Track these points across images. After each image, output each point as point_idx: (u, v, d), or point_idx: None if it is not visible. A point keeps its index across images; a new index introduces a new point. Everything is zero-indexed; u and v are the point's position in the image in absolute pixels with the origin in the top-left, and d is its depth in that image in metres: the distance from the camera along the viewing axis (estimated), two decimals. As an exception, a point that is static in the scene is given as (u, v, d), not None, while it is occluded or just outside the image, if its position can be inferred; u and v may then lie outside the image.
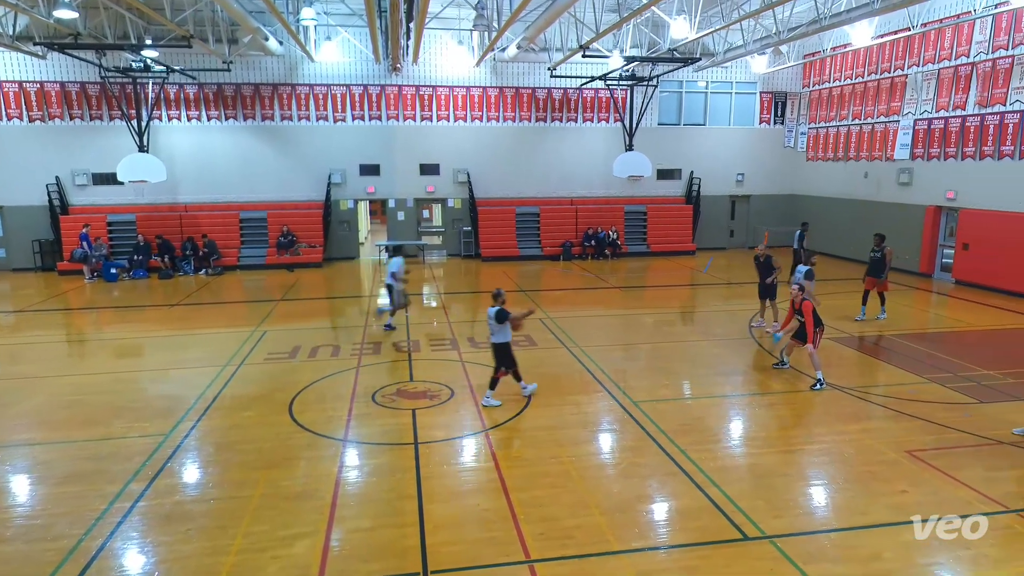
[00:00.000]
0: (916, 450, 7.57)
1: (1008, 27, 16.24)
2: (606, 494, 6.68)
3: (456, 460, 7.53)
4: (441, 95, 22.57)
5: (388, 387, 9.82)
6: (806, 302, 9.93)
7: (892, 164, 20.09)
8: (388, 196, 23.15)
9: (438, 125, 22.73)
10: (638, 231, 24.08)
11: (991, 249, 16.54)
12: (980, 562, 5.50)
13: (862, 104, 21.35)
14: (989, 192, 16.84)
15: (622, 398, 9.36)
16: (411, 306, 14.17)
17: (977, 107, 17.17)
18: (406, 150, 22.70)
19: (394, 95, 22.30)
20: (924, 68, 18.81)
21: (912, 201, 19.31)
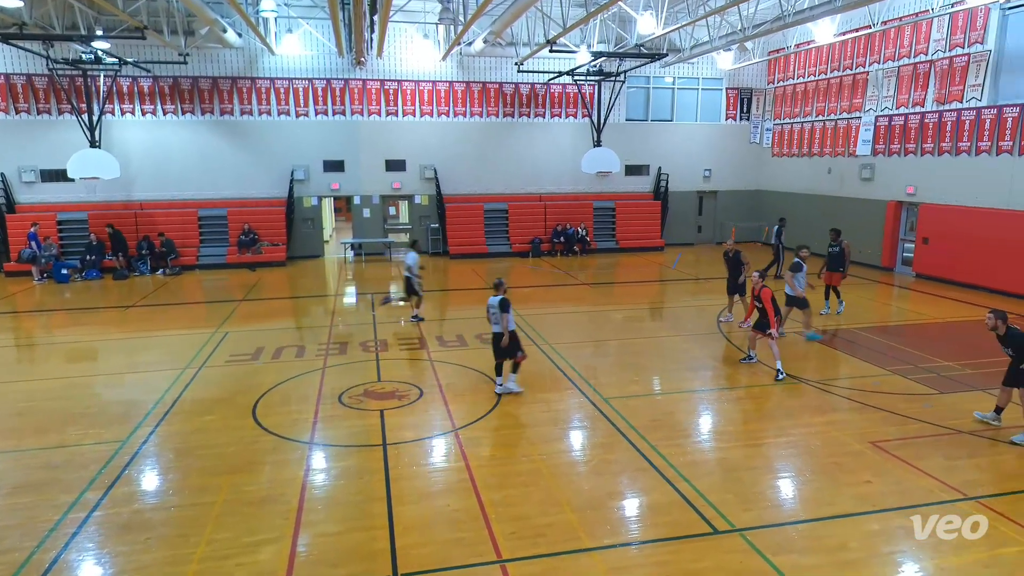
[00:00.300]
0: (880, 441, 7.80)
1: (964, 26, 16.79)
2: (577, 491, 6.73)
3: (426, 461, 7.50)
4: (407, 89, 22.41)
5: (355, 388, 9.73)
6: (764, 290, 10.22)
7: (855, 160, 20.62)
8: (353, 193, 22.90)
9: (404, 120, 22.57)
10: (607, 227, 24.27)
11: (950, 243, 17.10)
12: (941, 549, 5.69)
13: (825, 101, 21.86)
14: (947, 187, 17.40)
15: (592, 395, 9.43)
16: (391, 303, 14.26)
17: (935, 104, 17.72)
18: (371, 145, 22.49)
19: (358, 89, 22.06)
20: (885, 65, 19.34)
21: (874, 196, 19.86)
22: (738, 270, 13.13)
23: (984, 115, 16.36)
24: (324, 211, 24.59)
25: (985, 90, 16.37)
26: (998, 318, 7.88)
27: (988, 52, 16.23)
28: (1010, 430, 8.01)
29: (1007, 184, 15.71)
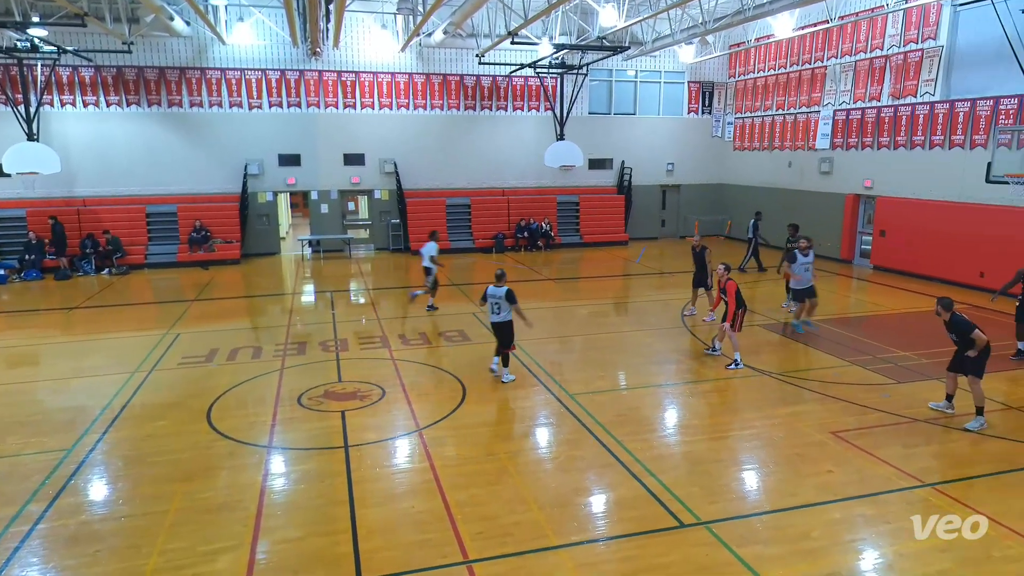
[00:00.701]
0: (840, 431, 8.04)
1: (917, 22, 17.37)
2: (544, 489, 6.77)
3: (389, 462, 7.45)
4: (365, 81, 22.13)
5: (315, 389, 9.60)
6: (729, 282, 10.51)
7: (814, 153, 21.16)
8: (310, 188, 22.54)
9: (362, 113, 22.29)
10: (571, 222, 24.42)
11: (906, 235, 17.70)
12: (900, 535, 5.90)
13: (785, 95, 22.37)
14: (903, 181, 18.00)
15: (558, 391, 9.49)
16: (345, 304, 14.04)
17: (891, 98, 18.30)
18: (328, 139, 22.15)
19: (314, 81, 21.70)
20: (842, 60, 19.88)
21: (833, 190, 20.41)
22: (703, 265, 13.35)
23: (937, 110, 16.95)
24: (280, 207, 24.16)
25: (938, 85, 16.96)
26: (942, 305, 8.21)
27: (940, 48, 16.82)
28: (963, 417, 8.34)
29: (959, 177, 16.32)
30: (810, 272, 12.32)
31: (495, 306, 9.78)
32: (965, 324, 8.05)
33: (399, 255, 22.59)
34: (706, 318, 13.16)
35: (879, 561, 5.61)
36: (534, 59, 21.06)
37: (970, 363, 8.12)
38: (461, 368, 10.48)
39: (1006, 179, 12.56)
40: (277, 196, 22.65)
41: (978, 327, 8.04)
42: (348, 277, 19.15)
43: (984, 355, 8.06)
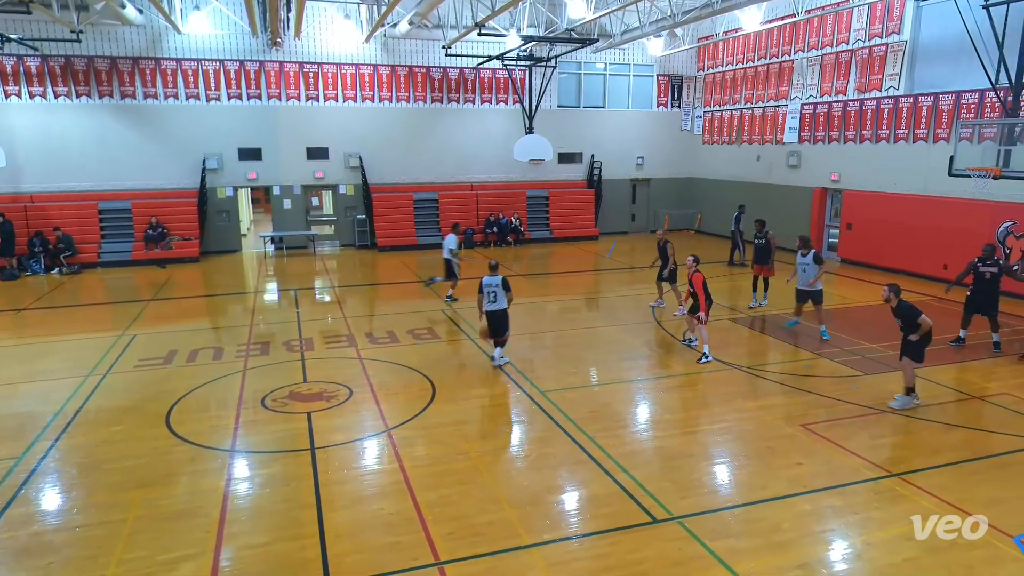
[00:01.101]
0: (810, 423, 8.22)
1: (882, 16, 17.79)
2: (516, 487, 6.79)
3: (357, 463, 7.40)
4: (328, 73, 21.85)
5: (279, 390, 9.47)
6: (696, 275, 10.70)
7: (782, 147, 21.55)
8: (272, 183, 22.20)
9: (325, 105, 22.01)
10: (541, 216, 24.48)
11: (872, 229, 18.15)
12: (868, 525, 6.07)
13: (753, 88, 22.72)
14: (869, 174, 18.44)
15: (529, 388, 9.53)
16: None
17: (857, 92, 18.73)
18: (291, 132, 21.83)
19: (275, 72, 21.35)
20: (809, 54, 20.27)
21: (801, 183, 20.82)
22: (666, 259, 13.52)
23: (901, 104, 17.40)
24: (240, 202, 23.74)
25: (902, 79, 17.41)
26: (892, 291, 8.56)
27: (904, 42, 17.26)
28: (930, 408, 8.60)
29: (923, 171, 16.79)
30: (809, 273, 11.82)
31: (492, 295, 10.16)
32: (911, 310, 8.43)
33: (365, 251, 22.38)
34: (676, 313, 13.31)
35: (848, 551, 5.75)
36: (502, 51, 21.03)
37: (911, 347, 8.49)
38: (430, 366, 10.45)
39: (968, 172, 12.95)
40: (237, 191, 22.25)
41: (924, 313, 8.39)
42: (312, 274, 18.92)
43: (925, 341, 8.43)
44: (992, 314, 10.90)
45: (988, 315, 10.89)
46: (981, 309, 10.93)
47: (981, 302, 10.89)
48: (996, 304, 10.94)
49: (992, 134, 13.21)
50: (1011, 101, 12.49)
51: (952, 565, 5.47)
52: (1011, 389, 9.31)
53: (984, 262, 10.85)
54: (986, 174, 12.58)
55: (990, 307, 10.89)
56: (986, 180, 12.77)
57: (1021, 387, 9.42)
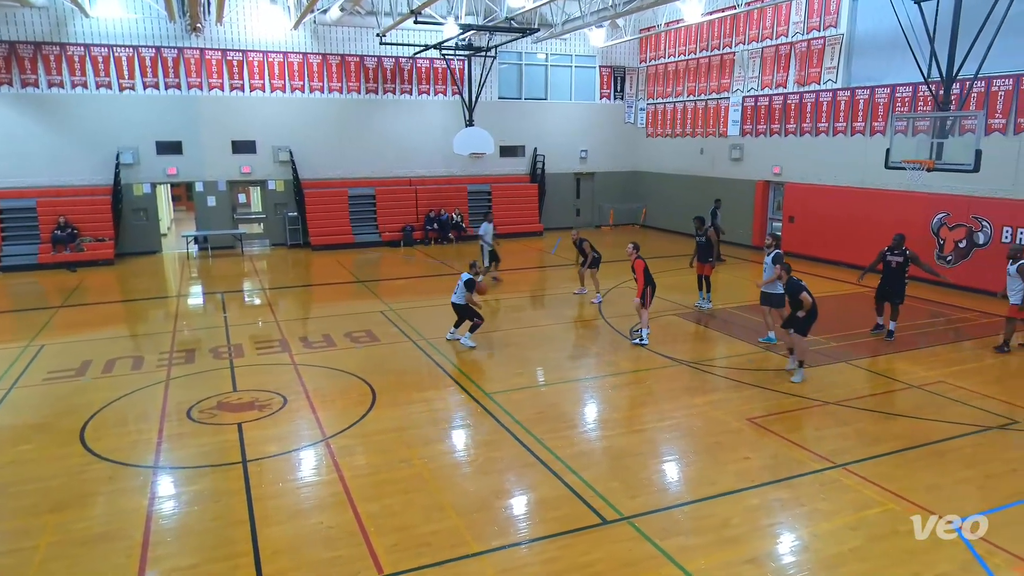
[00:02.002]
0: (756, 417, 8.51)
1: (819, 9, 18.53)
2: (462, 494, 6.78)
3: (293, 475, 7.24)
4: (254, 61, 21.27)
5: (207, 400, 9.19)
6: (637, 261, 11.40)
7: (725, 140, 22.18)
8: (194, 178, 21.47)
9: (252, 96, 21.43)
10: (483, 212, 24.38)
11: (813, 221, 18.89)
12: (814, 517, 6.32)
13: (696, 81, 23.30)
14: (810, 167, 19.19)
15: (474, 390, 9.52)
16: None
17: (796, 85, 19.44)
18: (214, 124, 21.16)
19: (195, 60, 20.65)
20: (749, 46, 20.92)
21: (744, 176, 21.48)
22: (586, 255, 14.60)
23: (839, 97, 18.17)
24: (160, 200, 22.87)
25: (840, 72, 18.17)
26: (783, 269, 9.70)
27: (841, 36, 18.01)
28: (872, 398, 9.01)
29: (861, 164, 17.57)
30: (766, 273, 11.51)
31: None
32: (797, 287, 9.42)
33: (298, 251, 21.91)
34: (594, 300, 14.46)
35: (795, 544, 5.98)
36: (439, 40, 20.93)
37: (798, 322, 9.51)
38: (369, 370, 10.32)
39: (903, 165, 13.60)
40: (156, 188, 21.43)
41: (807, 290, 9.33)
42: (241, 276, 18.41)
43: (810, 317, 9.42)
44: (896, 302, 11.59)
45: (893, 303, 11.60)
46: (887, 296, 11.57)
47: (887, 289, 11.54)
48: (902, 292, 11.62)
49: (926, 127, 13.91)
50: (942, 95, 13.18)
51: (895, 552, 5.76)
52: (947, 377, 9.86)
53: (892, 251, 11.56)
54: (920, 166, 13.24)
55: (895, 295, 11.58)
56: (920, 172, 13.44)
57: (956, 375, 9.98)
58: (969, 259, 15.17)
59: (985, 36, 12.38)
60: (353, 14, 21.23)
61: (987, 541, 5.85)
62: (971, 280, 14.71)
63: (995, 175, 14.20)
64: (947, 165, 12.94)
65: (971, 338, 12.03)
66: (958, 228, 15.40)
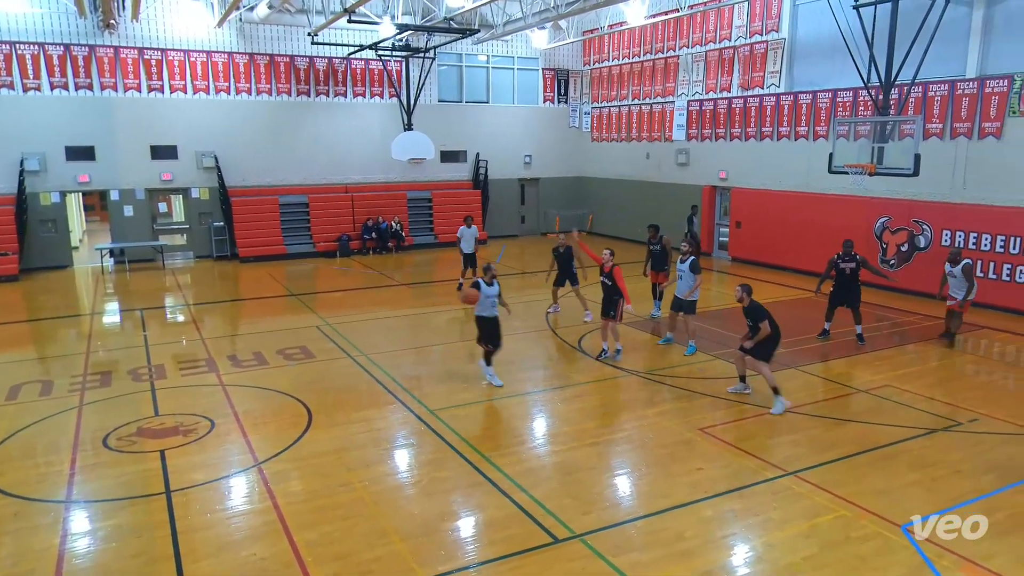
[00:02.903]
0: (708, 427, 8.69)
1: (761, 13, 19.21)
2: (406, 517, 6.70)
3: (222, 505, 7.02)
4: (174, 61, 20.70)
5: (125, 427, 8.83)
6: (616, 268, 10.92)
7: (671, 145, 22.71)
8: (109, 186, 20.69)
9: (172, 98, 20.83)
10: (423, 220, 24.37)
11: (760, 226, 19.50)
12: (768, 526, 6.49)
13: (640, 84, 23.81)
14: (755, 172, 19.82)
15: (417, 408, 9.44)
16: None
17: (740, 89, 20.08)
18: (131, 128, 20.46)
19: (109, 59, 19.95)
20: (693, 50, 21.51)
21: (690, 182, 22.02)
22: (570, 263, 13.83)
23: (782, 101, 18.85)
24: (70, 210, 21.96)
25: (782, 77, 18.86)
26: (744, 291, 9.25)
27: (783, 40, 18.71)
28: (821, 404, 9.32)
29: (805, 168, 18.25)
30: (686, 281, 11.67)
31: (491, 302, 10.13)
32: (759, 312, 9.11)
33: (225, 263, 21.34)
34: (585, 319, 13.65)
35: (750, 555, 6.12)
36: (375, 40, 20.80)
37: (756, 348, 9.16)
38: (305, 389, 10.11)
39: (846, 170, 14.20)
40: (66, 197, 20.56)
41: (770, 318, 9.00)
42: (162, 291, 17.82)
43: (772, 341, 9.11)
44: (855, 306, 12.08)
45: (851, 307, 12.07)
46: (844, 302, 12.07)
47: (844, 296, 12.03)
48: (858, 297, 12.12)
49: (867, 132, 14.56)
50: (882, 100, 13.83)
51: (847, 559, 5.95)
52: (891, 381, 10.29)
53: (843, 258, 12.01)
54: (862, 171, 13.85)
55: (852, 300, 12.07)
56: (863, 177, 14.05)
57: (902, 378, 10.43)
58: (911, 263, 15.91)
59: (921, 42, 13.08)
60: (282, 12, 20.91)
61: (935, 543, 6.11)
62: (913, 283, 15.41)
63: (934, 179, 14.94)
64: (888, 169, 13.57)
65: (915, 341, 12.60)
66: (900, 232, 16.14)
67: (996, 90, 14.28)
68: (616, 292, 10.96)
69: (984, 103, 14.49)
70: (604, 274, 11.12)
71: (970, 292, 11.63)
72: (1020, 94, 13.87)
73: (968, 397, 9.73)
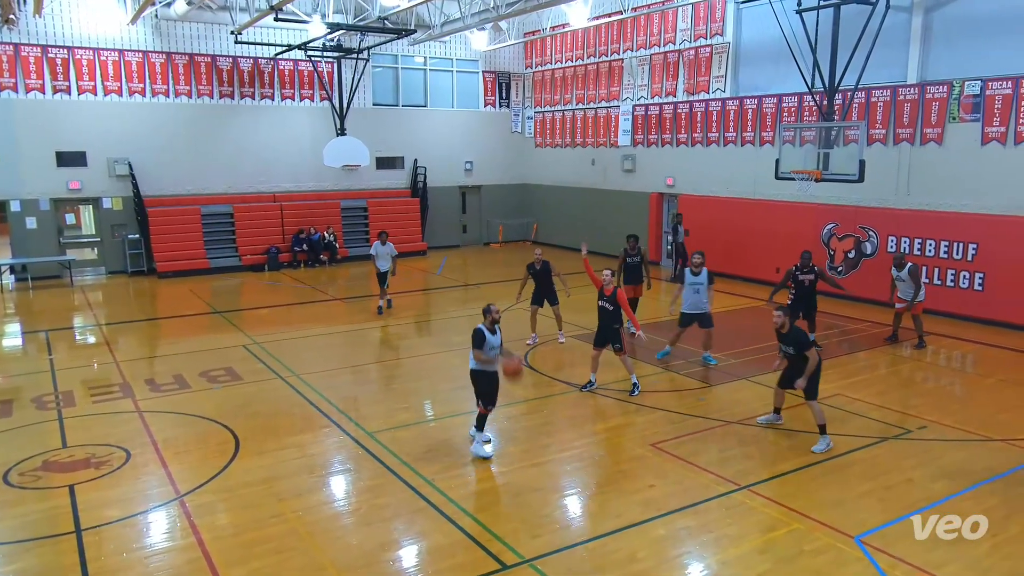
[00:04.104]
0: (659, 442, 8.82)
1: (705, 17, 19.78)
2: (344, 548, 6.59)
3: (140, 543, 6.77)
4: (82, 60, 20.03)
5: (29, 460, 8.44)
6: (619, 289, 10.35)
7: (616, 150, 23.11)
8: (9, 196, 19.83)
9: (80, 100, 20.14)
10: (359, 230, 24.13)
11: (708, 234, 19.94)
12: (722, 543, 6.62)
13: (584, 88, 24.18)
14: (702, 178, 20.31)
15: (354, 430, 9.31)
16: None
17: (686, 94, 20.60)
18: (33, 133, 19.67)
19: (8, 57, 19.18)
20: (638, 53, 21.98)
21: (637, 188, 22.43)
22: (549, 282, 13.22)
23: (728, 106, 19.41)
24: (-36, 222, 20.95)
25: (728, 82, 19.43)
26: (783, 314, 8.56)
27: (728, 44, 19.29)
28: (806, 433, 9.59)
29: (752, 175, 18.81)
30: (702, 294, 11.78)
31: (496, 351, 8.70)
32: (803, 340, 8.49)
33: (141, 279, 20.67)
34: (560, 339, 13.28)
35: (704, 573, 6.23)
36: (304, 40, 20.58)
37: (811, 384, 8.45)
38: (231, 414, 9.86)
39: (792, 175, 14.71)
40: (-41, 208, 19.61)
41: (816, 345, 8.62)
42: (71, 310, 17.14)
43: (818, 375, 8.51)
44: (811, 317, 12.51)
45: (807, 318, 12.46)
46: (803, 313, 12.46)
47: (802, 307, 12.43)
48: (815, 306, 12.58)
49: (812, 137, 15.14)
50: (826, 105, 14.39)
51: (802, 572, 6.12)
52: (842, 389, 10.65)
53: (802, 270, 12.41)
54: (809, 177, 14.38)
55: (810, 309, 12.49)
56: (809, 183, 14.59)
57: (852, 387, 10.81)
58: (858, 269, 16.54)
59: (864, 47, 13.68)
60: (203, 8, 20.50)
61: (887, 553, 6.33)
62: (861, 290, 16.02)
63: (879, 184, 15.61)
64: (834, 175, 14.12)
65: (864, 348, 13.09)
66: (847, 239, 16.78)
67: (936, 96, 15.01)
68: (618, 319, 10.30)
69: (925, 109, 15.22)
70: (605, 298, 10.36)
71: (918, 294, 12.49)
72: (959, 100, 14.63)
73: (917, 404, 10.17)
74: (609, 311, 10.37)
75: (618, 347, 10.48)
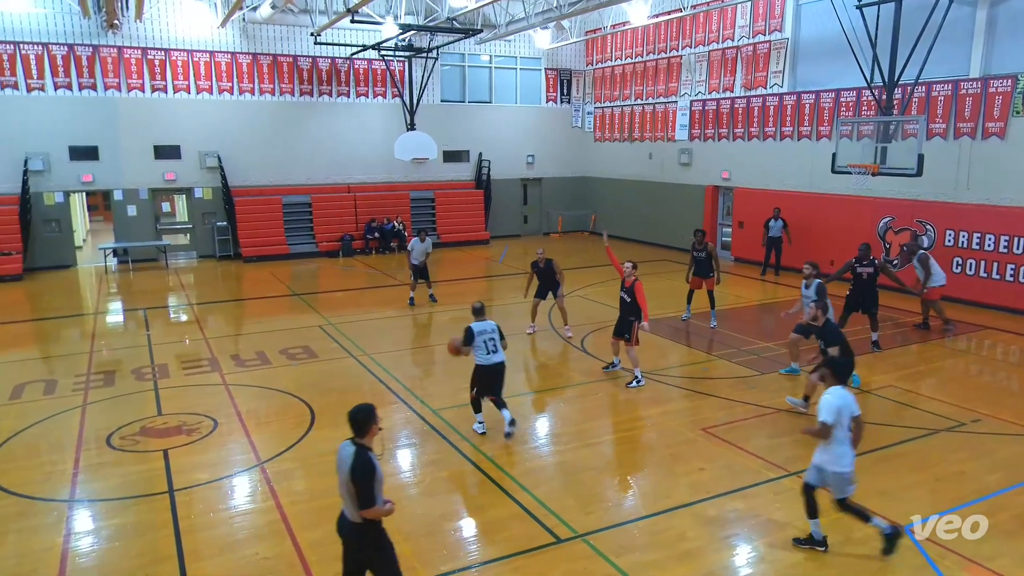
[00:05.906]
0: (710, 427, 8.68)
1: (764, 14, 19.17)
2: (409, 517, 6.70)
3: (225, 504, 7.04)
4: (177, 61, 20.73)
5: (128, 426, 8.85)
6: (638, 282, 10.04)
7: (674, 145, 22.68)
8: (112, 186, 20.74)
9: (175, 98, 20.87)
10: (426, 220, 24.36)
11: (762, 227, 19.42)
12: (769, 527, 6.48)
13: (643, 84, 23.78)
14: (758, 172, 19.77)
15: (420, 408, 9.45)
16: None
17: (743, 89, 20.05)
18: (134, 128, 20.49)
19: (112, 59, 19.99)
20: (696, 50, 21.48)
21: (693, 182, 21.99)
22: (552, 277, 13.02)
23: (786, 101, 18.81)
24: (74, 209, 22.02)
25: (785, 77, 18.82)
26: (820, 309, 8.50)
27: (786, 40, 18.68)
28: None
29: (808, 168, 18.21)
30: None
31: (490, 343, 8.56)
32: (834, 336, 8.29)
33: (228, 263, 21.37)
34: (567, 333, 12.99)
35: (752, 555, 6.11)
36: (378, 40, 20.81)
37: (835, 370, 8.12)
38: (307, 389, 10.13)
39: (849, 169, 14.17)
40: (69, 197, 20.61)
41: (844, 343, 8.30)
42: (165, 291, 17.85)
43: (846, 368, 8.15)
44: (872, 311, 11.73)
45: (868, 312, 11.74)
46: (861, 307, 11.81)
47: (860, 300, 11.73)
48: (875, 302, 11.74)
49: (870, 132, 14.52)
50: (885, 100, 13.80)
51: (849, 559, 5.95)
52: (895, 381, 10.27)
53: (860, 262, 11.65)
54: (866, 171, 13.81)
55: (869, 305, 11.71)
56: (866, 177, 14.02)
57: (903, 379, 10.41)
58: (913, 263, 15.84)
59: (925, 41, 13.04)
60: (285, 12, 20.93)
61: (936, 543, 6.10)
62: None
63: (937, 179, 14.91)
64: (891, 169, 13.53)
65: (917, 341, 12.56)
66: (903, 232, 16.10)
67: (1000, 90, 14.23)
68: (634, 311, 10.00)
69: (988, 103, 14.44)
70: (624, 289, 10.13)
71: (927, 280, 12.50)
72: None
73: (971, 397, 9.71)
74: (627, 303, 10.07)
75: (627, 338, 10.12)
